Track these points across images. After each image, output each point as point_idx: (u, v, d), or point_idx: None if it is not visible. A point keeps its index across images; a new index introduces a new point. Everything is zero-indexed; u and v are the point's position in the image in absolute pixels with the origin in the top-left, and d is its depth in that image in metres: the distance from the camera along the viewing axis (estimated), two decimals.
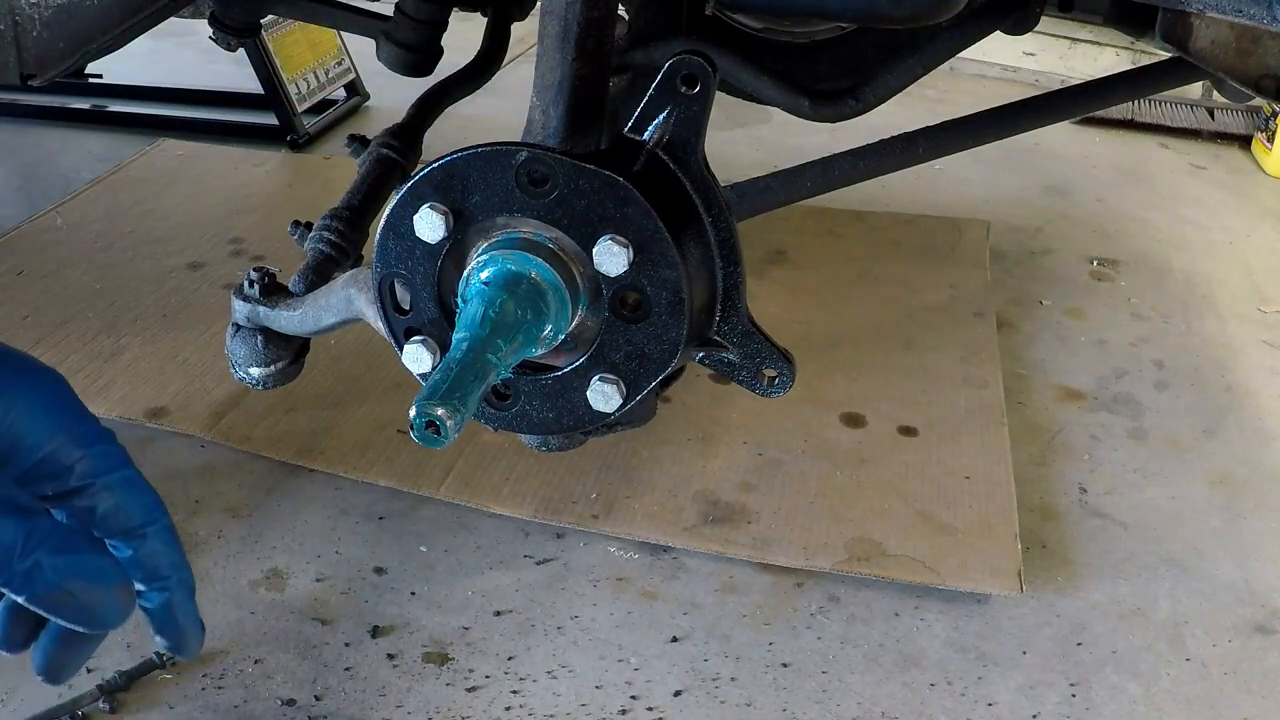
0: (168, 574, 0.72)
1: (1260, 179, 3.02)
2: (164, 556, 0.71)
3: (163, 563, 0.71)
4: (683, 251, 0.92)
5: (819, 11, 1.32)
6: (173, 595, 0.72)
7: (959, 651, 1.42)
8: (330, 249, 1.34)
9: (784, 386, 1.01)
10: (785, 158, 2.30)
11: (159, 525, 0.71)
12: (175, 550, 0.72)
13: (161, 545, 0.71)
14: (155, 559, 0.71)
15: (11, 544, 0.63)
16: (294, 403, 1.74)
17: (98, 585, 0.67)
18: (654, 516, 1.57)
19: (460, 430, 0.80)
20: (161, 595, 0.72)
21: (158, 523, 0.71)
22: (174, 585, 0.72)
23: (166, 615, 0.73)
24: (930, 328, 2.07)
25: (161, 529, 0.71)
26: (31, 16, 1.33)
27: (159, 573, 0.71)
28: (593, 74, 1.00)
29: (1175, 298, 2.31)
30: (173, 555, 0.72)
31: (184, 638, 0.75)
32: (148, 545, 0.71)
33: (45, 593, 0.65)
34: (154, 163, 2.61)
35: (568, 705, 1.32)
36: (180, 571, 0.72)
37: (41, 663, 0.73)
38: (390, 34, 1.66)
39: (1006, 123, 1.56)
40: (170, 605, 0.73)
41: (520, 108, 1.04)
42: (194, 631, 0.75)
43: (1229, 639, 1.47)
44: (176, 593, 0.73)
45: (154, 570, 0.71)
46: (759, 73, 1.60)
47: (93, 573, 0.67)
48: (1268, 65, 1.17)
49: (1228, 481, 1.76)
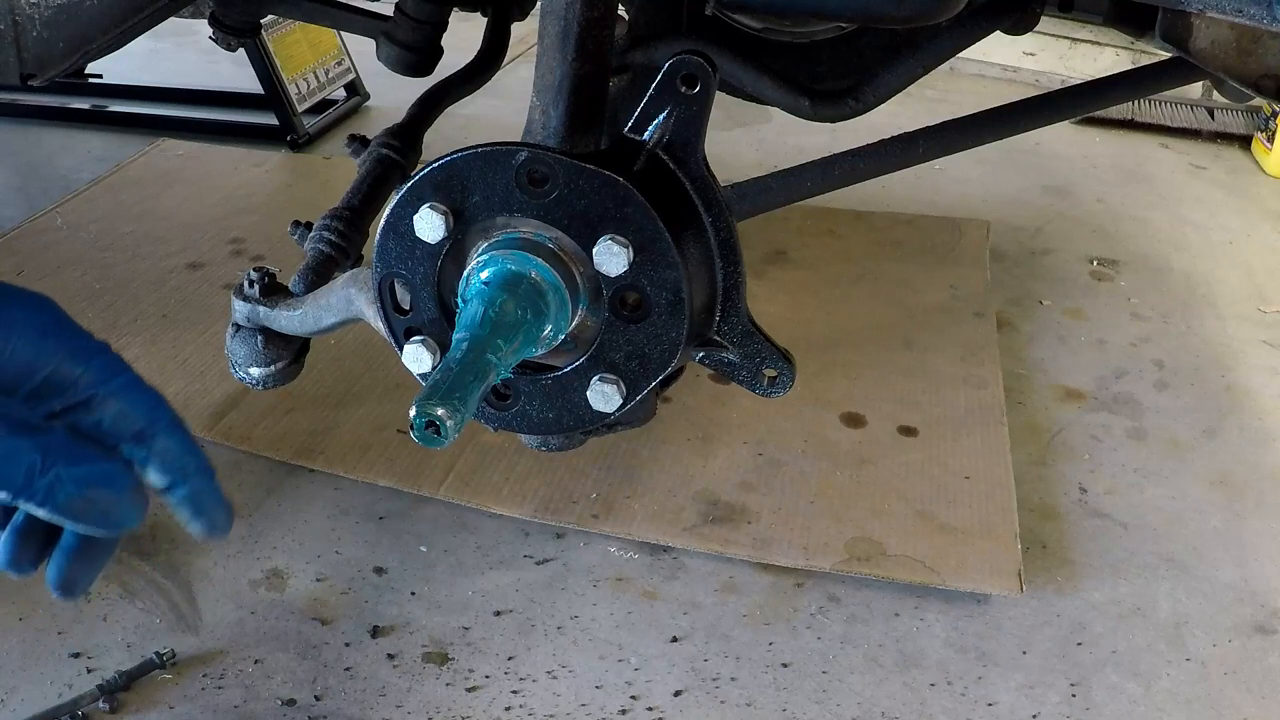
0: (184, 464, 0.75)
1: (1260, 179, 3.02)
2: (176, 450, 0.74)
3: (176, 456, 0.74)
4: (683, 251, 0.92)
5: (819, 11, 1.32)
6: (194, 482, 0.76)
7: (959, 651, 1.42)
8: (330, 249, 1.34)
9: (784, 386, 1.01)
10: (785, 158, 2.30)
11: (165, 422, 0.74)
12: (186, 441, 0.75)
13: (172, 440, 0.74)
14: (168, 454, 0.74)
15: (32, 462, 0.66)
16: (294, 403, 1.74)
17: (115, 489, 0.71)
18: (654, 516, 1.57)
19: (460, 430, 0.80)
20: (184, 486, 0.75)
21: (162, 419, 0.74)
22: (193, 473, 0.75)
23: (193, 502, 0.76)
24: (930, 328, 2.07)
25: (168, 424, 0.74)
26: (31, 16, 1.33)
27: (176, 465, 0.74)
28: (593, 74, 1.00)
29: (1175, 298, 2.31)
30: (184, 446, 0.75)
31: (214, 518, 0.78)
32: (159, 443, 0.74)
33: (67, 503, 0.68)
34: (154, 163, 2.61)
35: (568, 705, 1.32)
36: (195, 459, 0.76)
37: (57, 577, 0.76)
38: (390, 34, 1.66)
39: (1006, 123, 1.56)
40: (195, 493, 0.76)
41: (520, 108, 1.04)
42: (222, 512, 0.78)
43: (1229, 639, 1.47)
44: (196, 479, 0.76)
45: (170, 464, 0.74)
46: (759, 73, 1.60)
47: (109, 478, 0.70)
48: (1268, 65, 1.17)
49: (1228, 481, 1.76)
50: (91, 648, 1.35)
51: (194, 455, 0.75)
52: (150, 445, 0.73)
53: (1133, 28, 1.48)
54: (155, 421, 0.74)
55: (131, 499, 0.72)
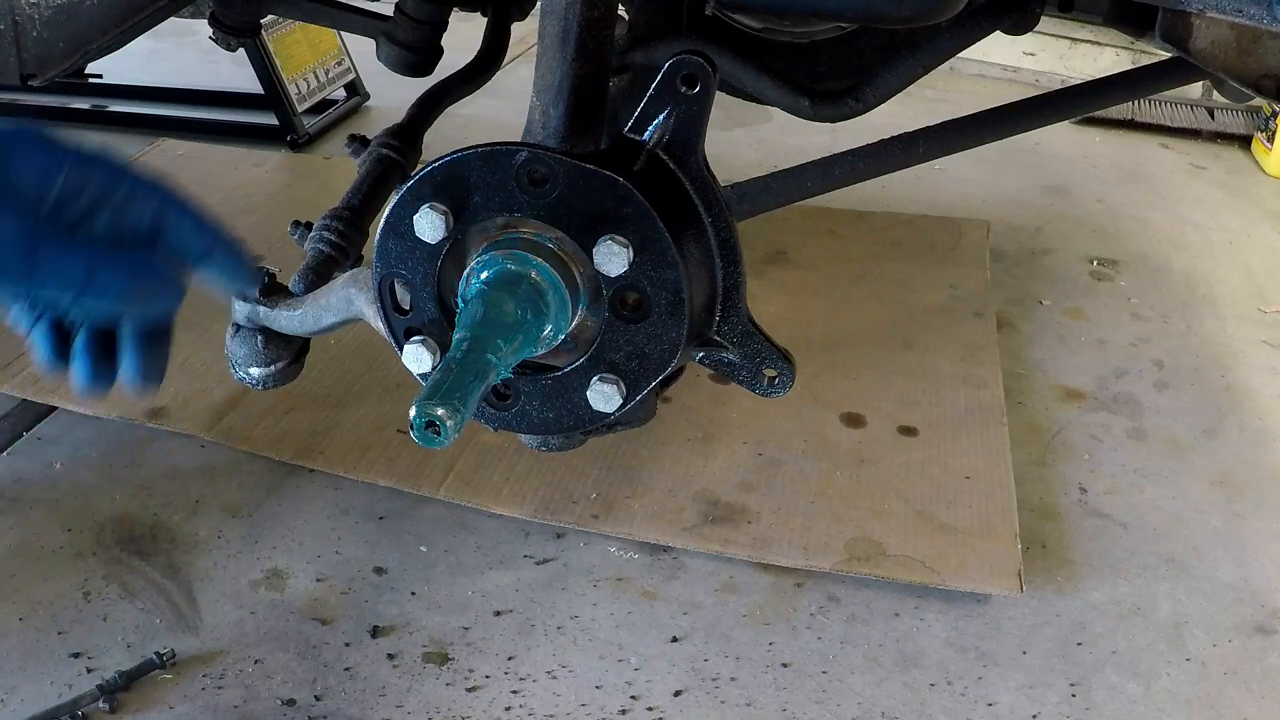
0: (206, 243, 0.84)
1: (1260, 179, 3.02)
2: (193, 234, 0.83)
3: (194, 236, 0.83)
4: (683, 251, 0.92)
5: (819, 11, 1.32)
6: (217, 255, 0.85)
7: (959, 651, 1.42)
8: (330, 249, 1.34)
9: (784, 386, 1.01)
10: (785, 158, 2.30)
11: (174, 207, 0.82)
12: (198, 221, 0.84)
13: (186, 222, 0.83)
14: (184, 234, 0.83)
15: (84, 266, 0.75)
16: (294, 403, 1.74)
17: (155, 275, 0.80)
18: (654, 516, 1.57)
19: (460, 430, 0.79)
20: (209, 264, 0.85)
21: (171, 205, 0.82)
22: (216, 247, 0.85)
23: (223, 271, 0.85)
24: (930, 328, 2.07)
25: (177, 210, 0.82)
26: (31, 16, 1.33)
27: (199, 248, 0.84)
28: (593, 74, 1.00)
29: (1175, 298, 2.31)
30: (197, 225, 0.84)
31: (248, 279, 0.88)
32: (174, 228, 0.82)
33: (120, 295, 0.77)
34: (154, 163, 2.61)
35: (568, 705, 1.32)
36: (216, 234, 0.85)
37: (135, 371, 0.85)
38: (390, 34, 1.66)
39: (1006, 123, 1.56)
40: (223, 264, 0.85)
41: (520, 108, 1.04)
42: (253, 270, 0.88)
43: (1229, 639, 1.47)
44: (218, 252, 0.85)
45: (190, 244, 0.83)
46: (759, 73, 1.60)
47: (149, 266, 0.79)
48: (1268, 65, 1.17)
49: (1228, 481, 1.76)
50: (91, 648, 1.35)
51: (211, 230, 0.84)
52: (171, 231, 0.82)
53: (1133, 28, 1.48)
54: (166, 207, 0.81)
55: (171, 280, 0.80)
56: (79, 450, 1.67)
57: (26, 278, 0.74)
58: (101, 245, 0.78)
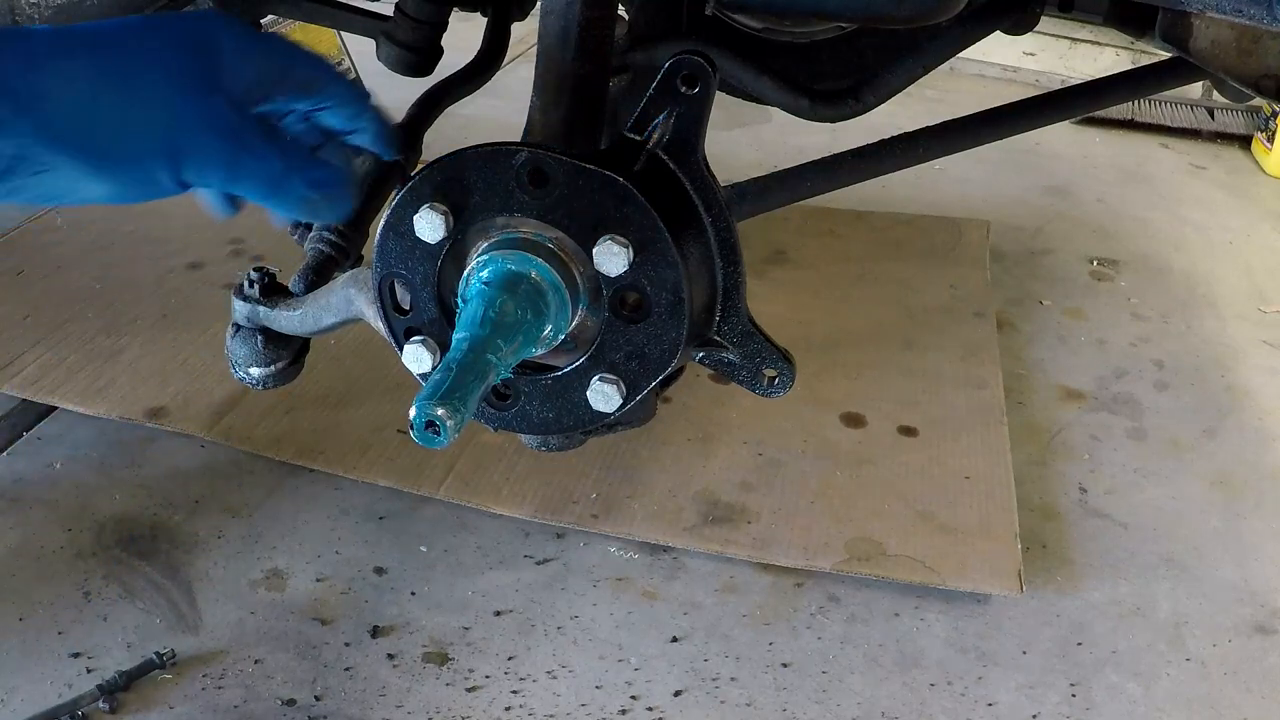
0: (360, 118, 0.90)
1: (1260, 179, 3.02)
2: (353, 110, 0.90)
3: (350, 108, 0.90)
4: (683, 251, 0.92)
5: (819, 11, 1.32)
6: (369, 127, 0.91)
7: (959, 651, 1.42)
8: (330, 249, 1.33)
9: (784, 386, 1.01)
10: (785, 158, 2.30)
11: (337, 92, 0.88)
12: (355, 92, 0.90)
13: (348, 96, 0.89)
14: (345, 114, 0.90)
15: (277, 167, 0.80)
16: (294, 403, 1.74)
17: (333, 187, 0.84)
18: (654, 516, 1.57)
19: (460, 430, 0.79)
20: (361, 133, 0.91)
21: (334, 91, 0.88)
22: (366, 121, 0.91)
23: (376, 138, 0.92)
24: (930, 328, 2.07)
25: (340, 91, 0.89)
26: (32, 16, 1.33)
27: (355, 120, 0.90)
28: (593, 74, 1.00)
29: (1175, 298, 2.31)
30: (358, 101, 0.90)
31: (391, 144, 0.94)
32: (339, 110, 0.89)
33: (298, 201, 0.83)
34: None
35: (568, 705, 1.32)
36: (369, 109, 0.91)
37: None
38: (390, 34, 1.66)
39: (1006, 123, 1.56)
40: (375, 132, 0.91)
41: (520, 108, 1.04)
42: (394, 134, 0.94)
43: (1229, 639, 1.47)
44: (371, 125, 0.91)
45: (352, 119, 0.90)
46: (759, 73, 1.60)
47: (331, 180, 0.84)
48: (1268, 65, 1.17)
49: (1228, 481, 1.76)
50: (91, 648, 1.35)
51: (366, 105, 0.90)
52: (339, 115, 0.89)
53: (1133, 28, 1.47)
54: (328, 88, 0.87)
55: (344, 195, 0.86)
56: (79, 450, 1.66)
57: (229, 173, 0.78)
58: (297, 155, 0.82)
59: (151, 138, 0.75)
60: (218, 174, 0.78)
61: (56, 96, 0.72)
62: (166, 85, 0.76)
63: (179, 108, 0.76)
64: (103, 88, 0.74)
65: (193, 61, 0.77)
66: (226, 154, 0.77)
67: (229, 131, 0.77)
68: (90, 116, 0.73)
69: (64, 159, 0.72)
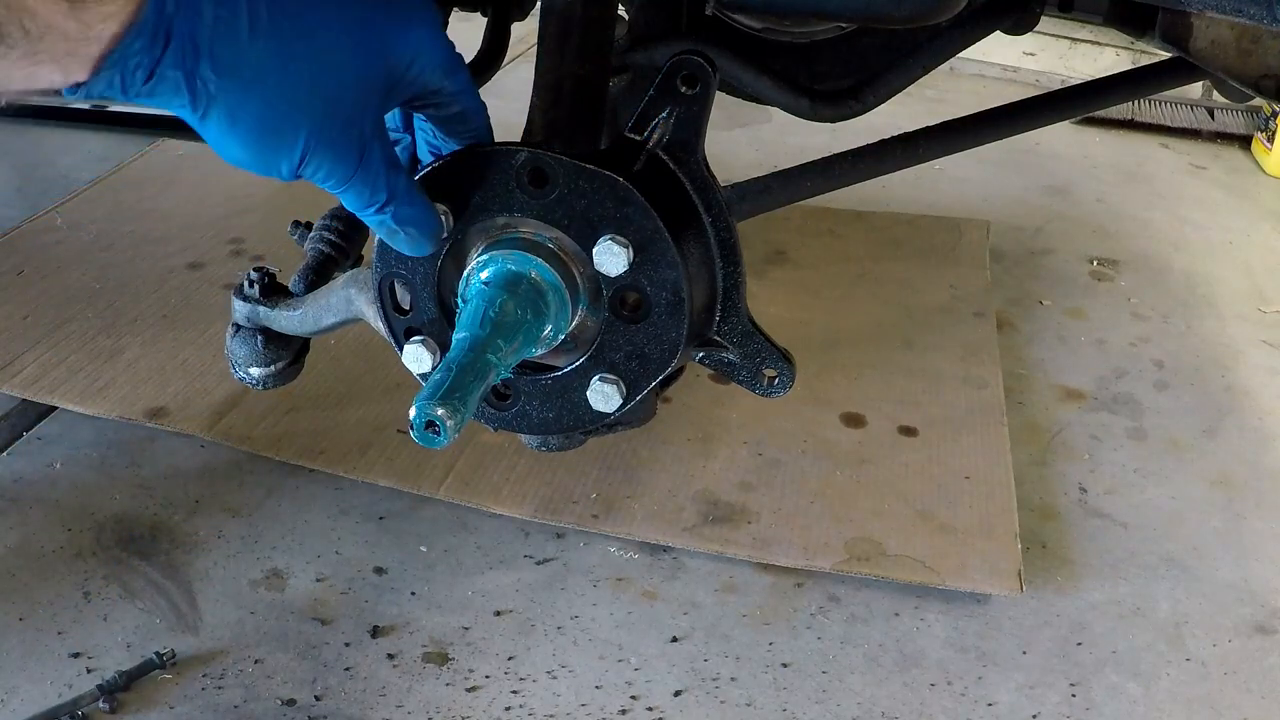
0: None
1: (1260, 179, 3.02)
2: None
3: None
4: (683, 251, 0.92)
5: (819, 11, 1.32)
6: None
7: (959, 651, 1.42)
8: (330, 249, 1.33)
9: (784, 386, 1.01)
10: (785, 158, 2.29)
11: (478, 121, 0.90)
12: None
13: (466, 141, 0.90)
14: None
15: (391, 191, 0.83)
16: (294, 403, 1.74)
17: (421, 229, 0.87)
18: (654, 516, 1.57)
19: (460, 430, 0.80)
20: None
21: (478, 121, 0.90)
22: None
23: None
24: (930, 328, 2.07)
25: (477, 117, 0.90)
26: None
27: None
28: (593, 74, 1.00)
29: (1175, 298, 2.31)
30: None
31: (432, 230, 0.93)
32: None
33: (389, 230, 0.86)
34: (154, 163, 2.61)
35: (568, 705, 1.32)
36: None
37: None
38: None
39: (1006, 123, 1.56)
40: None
41: (520, 108, 1.04)
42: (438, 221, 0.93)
43: (1229, 639, 1.47)
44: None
45: None
46: (759, 73, 1.60)
47: (421, 221, 0.87)
48: (1268, 65, 1.17)
49: (1228, 481, 1.76)
50: (91, 648, 1.35)
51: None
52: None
53: (1133, 28, 1.47)
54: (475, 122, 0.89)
55: (427, 241, 0.88)
56: (79, 450, 1.67)
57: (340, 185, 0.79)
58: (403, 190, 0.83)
59: (298, 134, 0.76)
60: (329, 183, 0.80)
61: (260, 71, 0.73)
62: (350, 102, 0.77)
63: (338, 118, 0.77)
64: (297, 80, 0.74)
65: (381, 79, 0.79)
66: (346, 170, 0.79)
67: (359, 149, 0.79)
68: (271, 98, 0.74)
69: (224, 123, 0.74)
